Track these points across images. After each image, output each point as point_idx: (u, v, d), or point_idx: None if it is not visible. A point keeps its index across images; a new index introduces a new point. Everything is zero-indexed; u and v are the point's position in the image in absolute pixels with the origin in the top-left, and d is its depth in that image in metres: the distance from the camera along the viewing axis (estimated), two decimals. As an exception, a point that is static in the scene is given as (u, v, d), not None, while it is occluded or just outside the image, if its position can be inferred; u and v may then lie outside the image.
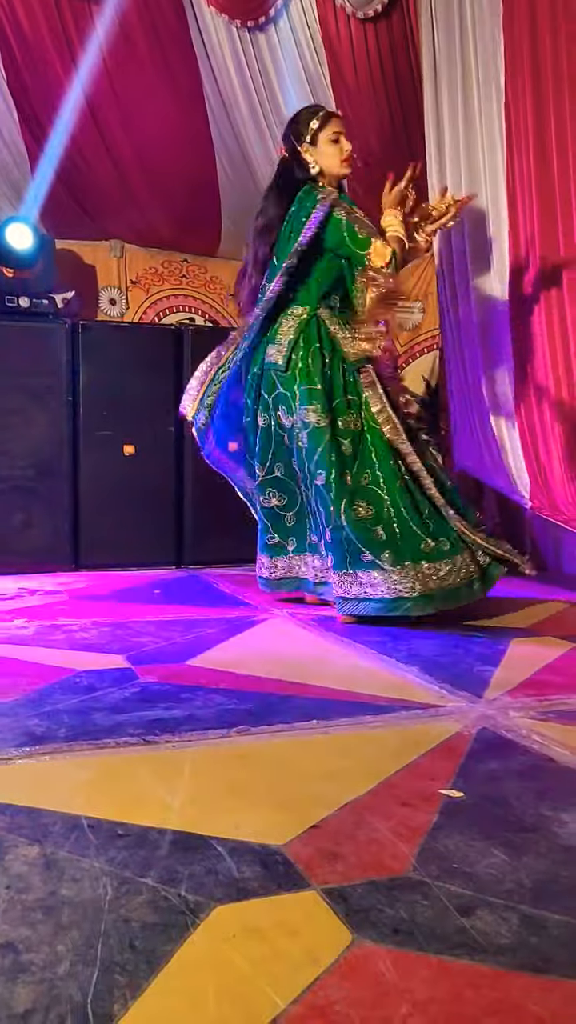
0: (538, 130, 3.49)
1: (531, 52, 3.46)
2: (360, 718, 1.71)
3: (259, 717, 1.70)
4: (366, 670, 2.15)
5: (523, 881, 1.04)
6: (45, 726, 1.62)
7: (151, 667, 2.11)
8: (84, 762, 1.46)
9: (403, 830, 1.18)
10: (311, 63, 4.11)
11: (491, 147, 3.77)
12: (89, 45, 3.94)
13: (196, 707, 1.77)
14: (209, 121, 4.39)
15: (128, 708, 1.76)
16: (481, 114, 3.78)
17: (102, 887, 1.01)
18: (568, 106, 3.35)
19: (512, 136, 3.64)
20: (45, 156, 4.25)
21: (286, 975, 0.84)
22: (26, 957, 0.86)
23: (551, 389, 3.64)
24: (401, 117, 4.24)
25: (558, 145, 3.42)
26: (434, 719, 1.72)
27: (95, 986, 0.82)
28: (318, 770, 1.45)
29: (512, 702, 1.83)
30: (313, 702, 1.83)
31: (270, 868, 1.07)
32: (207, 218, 4.90)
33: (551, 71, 3.40)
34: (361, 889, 1.02)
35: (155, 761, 1.46)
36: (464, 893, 1.01)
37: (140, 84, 4.14)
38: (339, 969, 0.86)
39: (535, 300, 3.66)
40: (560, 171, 3.43)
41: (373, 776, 1.38)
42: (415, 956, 0.88)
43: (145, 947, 0.88)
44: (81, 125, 4.19)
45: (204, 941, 0.90)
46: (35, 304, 4.12)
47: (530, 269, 3.66)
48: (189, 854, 1.10)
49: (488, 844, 1.15)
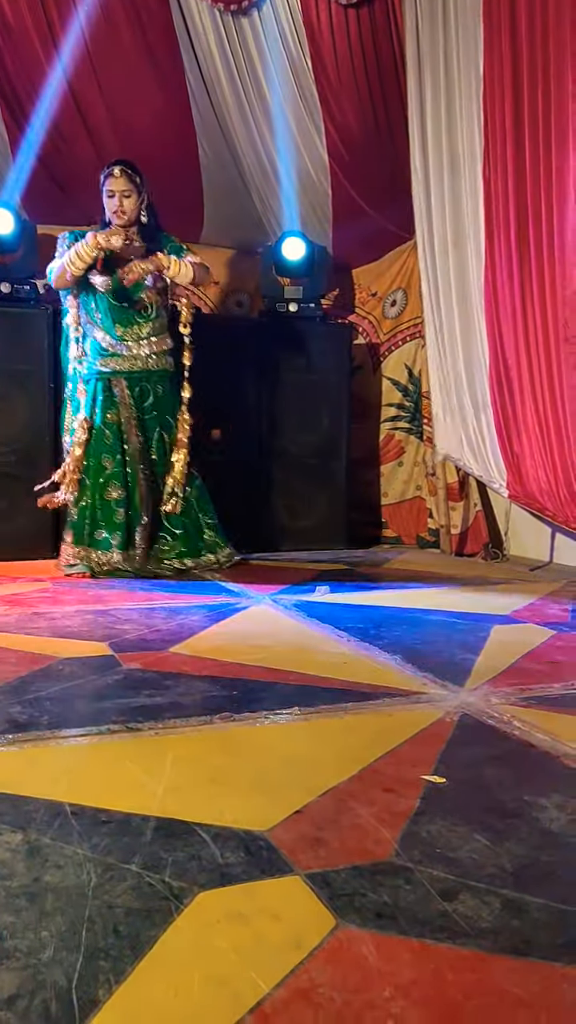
0: (515, 116, 3.50)
1: (510, 38, 3.46)
2: (342, 705, 1.72)
3: (242, 704, 1.71)
4: (348, 657, 2.15)
5: (505, 866, 1.06)
6: (28, 713, 1.62)
7: (134, 654, 2.11)
8: (67, 749, 1.46)
9: (386, 815, 1.19)
10: (294, 49, 4.08)
11: (470, 132, 3.77)
12: (71, 28, 3.89)
13: (179, 694, 1.77)
14: (191, 106, 4.35)
15: (111, 695, 1.76)
16: (461, 99, 3.78)
17: (86, 873, 1.01)
18: (542, 93, 3.35)
19: (488, 122, 3.64)
20: (26, 140, 4.20)
21: (270, 959, 0.85)
22: (10, 943, 0.86)
23: (525, 380, 3.65)
24: (383, 103, 4.23)
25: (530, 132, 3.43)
26: (416, 706, 1.73)
27: (79, 972, 0.82)
28: (301, 756, 1.46)
29: (493, 689, 1.85)
30: (296, 689, 1.84)
31: (253, 854, 1.07)
32: (189, 204, 4.86)
33: (527, 57, 3.40)
34: (344, 874, 1.02)
35: (138, 748, 1.46)
36: (447, 878, 1.02)
37: (122, 68, 4.10)
38: (323, 953, 0.86)
39: (510, 288, 3.67)
40: (532, 157, 3.43)
41: (356, 762, 1.39)
42: (398, 940, 0.89)
43: (129, 932, 0.89)
44: (63, 109, 4.15)
45: (188, 926, 0.91)
46: (16, 290, 4.08)
47: (505, 256, 3.66)
48: (173, 840, 1.10)
49: (470, 829, 1.16)
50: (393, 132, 4.27)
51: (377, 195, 4.60)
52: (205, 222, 5.02)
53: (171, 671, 1.96)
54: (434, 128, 3.94)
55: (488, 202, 3.69)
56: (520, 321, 3.61)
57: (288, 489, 4.55)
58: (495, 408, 3.86)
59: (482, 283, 3.81)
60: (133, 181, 3.52)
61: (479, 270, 3.83)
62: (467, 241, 3.90)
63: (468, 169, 3.82)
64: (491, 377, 3.85)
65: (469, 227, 3.87)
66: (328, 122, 4.32)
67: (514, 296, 3.62)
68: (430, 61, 3.87)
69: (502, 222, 3.63)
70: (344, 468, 4.67)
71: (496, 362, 3.80)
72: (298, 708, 1.69)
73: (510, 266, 3.63)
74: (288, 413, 4.56)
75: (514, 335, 3.66)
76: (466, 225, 3.89)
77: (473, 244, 3.86)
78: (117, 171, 3.50)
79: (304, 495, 4.59)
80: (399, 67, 4.06)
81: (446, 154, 3.91)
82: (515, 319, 3.63)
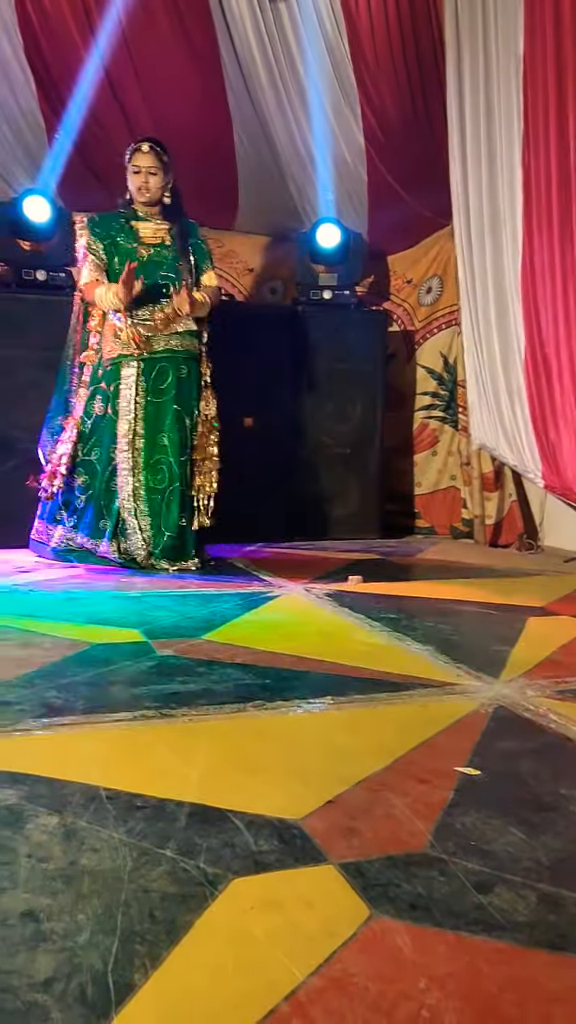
0: (559, 100, 3.43)
1: (554, 21, 3.39)
2: (376, 695, 1.72)
3: (275, 692, 1.71)
4: (382, 647, 2.15)
5: (541, 859, 1.05)
6: (63, 698, 1.63)
7: (167, 641, 2.12)
8: (102, 734, 1.47)
9: (420, 807, 1.18)
10: (332, 33, 4.05)
11: (508, 117, 3.72)
12: (108, 15, 3.89)
13: (212, 681, 1.78)
14: (227, 92, 4.34)
15: (145, 681, 1.77)
16: (500, 82, 3.72)
17: (121, 857, 1.02)
18: None
19: (529, 106, 3.58)
20: (63, 126, 4.22)
21: (304, 948, 0.85)
22: (47, 926, 0.87)
23: (564, 368, 3.60)
24: (421, 87, 4.18)
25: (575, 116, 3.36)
26: (450, 697, 1.72)
27: (115, 955, 0.82)
28: (334, 746, 1.46)
29: (529, 682, 1.83)
30: (329, 678, 1.84)
31: (287, 842, 1.07)
32: (225, 191, 4.86)
33: (571, 40, 3.33)
34: (378, 864, 1.02)
35: (172, 734, 1.47)
36: (482, 870, 1.01)
37: (159, 54, 4.10)
38: (357, 943, 0.86)
39: (551, 274, 3.61)
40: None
41: (389, 753, 1.38)
42: (433, 932, 0.88)
43: (165, 917, 0.89)
44: (99, 96, 4.16)
45: (223, 912, 0.91)
46: (52, 277, 4.11)
47: (547, 242, 3.60)
48: (207, 826, 1.11)
49: (505, 822, 1.15)
50: (431, 116, 4.22)
51: (414, 180, 4.55)
52: (240, 209, 5.01)
53: (204, 658, 1.97)
54: (472, 112, 3.89)
55: (527, 187, 3.64)
56: (561, 308, 3.55)
57: (321, 478, 4.55)
58: (530, 397, 3.82)
59: (519, 269, 3.76)
60: (161, 159, 3.46)
61: (515, 256, 3.78)
62: (503, 227, 3.85)
63: (505, 153, 3.77)
64: (527, 365, 3.80)
65: (505, 212, 3.82)
66: (365, 106, 4.28)
67: (555, 282, 3.56)
68: (469, 43, 3.81)
69: (544, 207, 3.57)
70: (378, 457, 4.65)
71: (533, 350, 3.76)
72: (331, 697, 1.68)
73: (551, 251, 3.57)
74: (321, 402, 4.55)
75: (554, 323, 3.60)
76: (502, 210, 3.84)
77: (509, 229, 3.81)
78: (146, 147, 3.45)
79: (337, 484, 4.58)
80: (438, 50, 4.01)
81: (484, 138, 3.86)
82: (555, 306, 3.58)
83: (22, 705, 1.58)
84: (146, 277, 3.36)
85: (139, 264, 3.35)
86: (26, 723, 1.49)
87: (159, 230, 3.54)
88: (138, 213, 3.55)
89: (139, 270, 3.33)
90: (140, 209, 3.54)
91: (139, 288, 3.29)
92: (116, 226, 3.52)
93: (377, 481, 4.65)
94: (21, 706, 1.58)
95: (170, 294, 3.41)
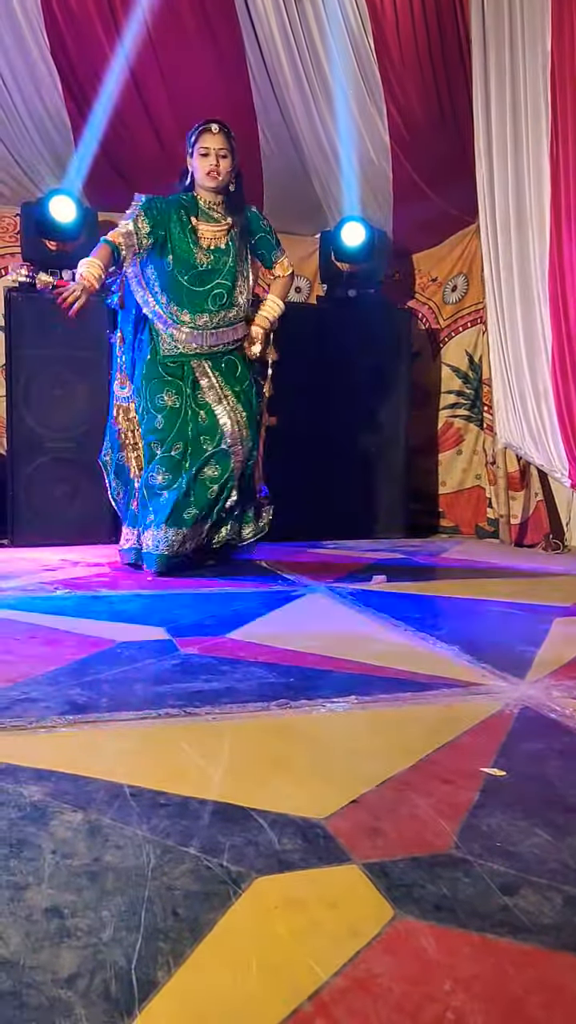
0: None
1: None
2: (400, 695, 1.71)
3: (299, 691, 1.71)
4: (406, 647, 2.13)
5: (567, 861, 1.03)
6: (87, 696, 1.64)
7: (191, 639, 2.12)
8: (125, 732, 1.47)
9: (444, 807, 1.17)
10: (357, 31, 4.03)
11: (535, 111, 3.68)
12: (133, 14, 3.91)
13: (236, 680, 1.78)
14: (252, 91, 4.34)
15: (169, 679, 1.77)
16: (527, 77, 3.69)
17: (145, 855, 1.02)
18: None
19: (557, 99, 3.55)
20: (89, 126, 4.24)
21: (328, 947, 0.84)
22: (71, 922, 0.87)
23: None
24: (447, 84, 4.16)
25: None
26: (475, 698, 1.71)
27: (139, 952, 0.82)
28: (358, 745, 1.45)
29: (555, 682, 1.81)
30: (353, 677, 1.83)
31: (311, 841, 1.07)
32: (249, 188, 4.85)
33: None
34: (402, 865, 1.01)
35: (195, 732, 1.47)
36: (507, 872, 1.00)
37: (184, 53, 4.10)
38: (380, 943, 0.85)
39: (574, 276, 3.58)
40: None
41: (413, 753, 1.37)
42: (458, 933, 0.88)
43: (188, 915, 0.89)
44: (124, 95, 4.17)
45: (246, 911, 0.91)
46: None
47: (572, 244, 3.57)
48: (230, 825, 1.10)
49: (531, 824, 1.13)
50: (457, 113, 4.20)
51: (439, 177, 4.53)
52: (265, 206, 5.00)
53: (228, 657, 1.97)
54: (498, 107, 3.86)
55: (556, 181, 3.61)
56: None
57: (345, 477, 4.53)
58: (557, 395, 3.78)
59: (546, 266, 3.73)
60: (230, 141, 3.22)
61: (542, 255, 3.75)
62: (529, 225, 3.81)
63: (532, 148, 3.73)
64: (553, 363, 3.77)
65: (532, 208, 3.79)
66: (390, 104, 4.27)
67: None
68: (495, 39, 3.79)
69: (573, 201, 3.54)
70: (402, 456, 4.63)
71: (560, 347, 3.72)
72: (355, 696, 1.68)
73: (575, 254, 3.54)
74: (346, 400, 4.53)
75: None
76: (528, 206, 3.81)
77: (535, 225, 3.78)
78: (215, 127, 3.19)
79: (362, 483, 4.57)
80: (463, 47, 3.99)
81: (510, 133, 3.83)
82: None
83: (47, 702, 1.59)
84: (201, 284, 3.23)
85: (195, 272, 3.23)
86: (51, 720, 1.50)
87: (219, 232, 3.28)
88: (199, 204, 3.27)
89: (194, 278, 3.22)
90: (203, 197, 3.27)
91: (77, 309, 3.13)
92: (175, 218, 3.23)
93: (402, 480, 4.63)
94: (46, 703, 1.59)
95: (223, 303, 3.26)
